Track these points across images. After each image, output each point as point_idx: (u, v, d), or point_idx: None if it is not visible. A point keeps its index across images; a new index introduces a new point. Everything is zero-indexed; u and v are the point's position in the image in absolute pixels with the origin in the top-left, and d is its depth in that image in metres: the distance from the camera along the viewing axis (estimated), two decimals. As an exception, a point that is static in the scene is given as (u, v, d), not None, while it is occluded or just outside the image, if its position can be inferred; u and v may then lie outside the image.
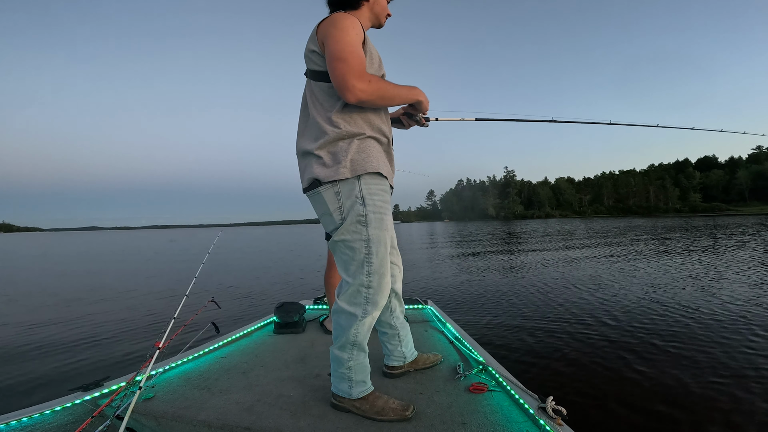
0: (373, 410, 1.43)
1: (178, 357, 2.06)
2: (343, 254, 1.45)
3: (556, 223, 54.48)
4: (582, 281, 6.75)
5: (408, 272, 8.76)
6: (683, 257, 9.63)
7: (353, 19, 1.38)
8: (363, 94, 1.29)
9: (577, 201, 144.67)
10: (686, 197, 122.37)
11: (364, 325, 1.46)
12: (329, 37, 1.33)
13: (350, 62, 1.28)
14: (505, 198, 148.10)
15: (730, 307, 4.60)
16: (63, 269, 13.11)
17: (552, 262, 9.81)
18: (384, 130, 1.52)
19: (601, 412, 2.35)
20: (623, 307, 4.81)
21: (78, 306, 6.46)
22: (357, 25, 1.37)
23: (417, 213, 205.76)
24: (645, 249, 12.02)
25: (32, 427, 1.44)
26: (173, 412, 1.49)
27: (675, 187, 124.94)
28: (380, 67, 1.51)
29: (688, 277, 6.73)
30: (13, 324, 5.21)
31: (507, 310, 4.94)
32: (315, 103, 1.45)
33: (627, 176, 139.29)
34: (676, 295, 5.34)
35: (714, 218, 44.52)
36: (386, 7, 1.62)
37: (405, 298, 2.90)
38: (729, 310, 4.50)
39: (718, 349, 3.28)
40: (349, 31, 1.33)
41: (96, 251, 23.76)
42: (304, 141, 1.48)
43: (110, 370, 3.34)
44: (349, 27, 1.34)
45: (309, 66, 1.46)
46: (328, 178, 1.38)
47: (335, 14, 1.40)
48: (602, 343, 3.51)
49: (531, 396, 1.46)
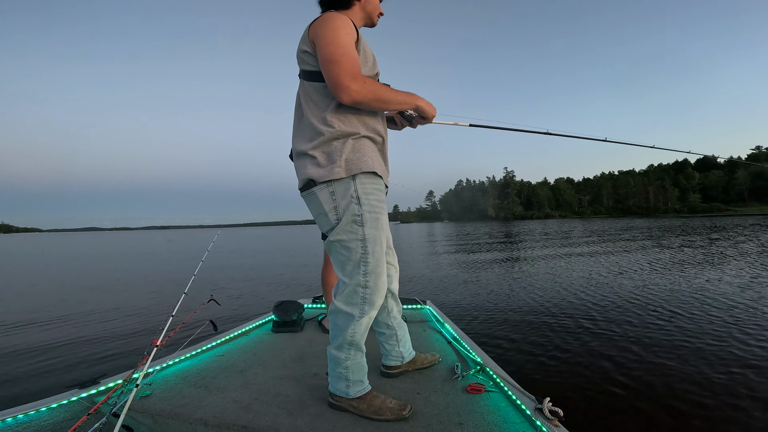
0: (370, 410, 1.43)
1: (176, 355, 2.06)
2: (339, 254, 1.45)
3: (555, 223, 54.52)
4: (580, 282, 6.76)
5: (406, 272, 8.78)
6: (680, 258, 9.65)
7: (344, 18, 1.37)
8: (358, 95, 1.28)
9: (576, 201, 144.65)
10: (686, 198, 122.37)
11: (361, 325, 1.46)
12: (320, 38, 1.32)
13: (343, 64, 1.27)
14: (505, 199, 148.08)
15: (728, 308, 4.61)
16: (60, 268, 13.11)
17: (550, 262, 9.84)
18: (379, 129, 1.52)
19: (597, 414, 2.36)
20: (621, 309, 4.82)
21: (76, 304, 6.46)
22: (348, 25, 1.36)
23: (416, 213, 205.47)
24: (642, 250, 12.03)
25: (28, 424, 1.43)
26: (170, 410, 1.49)
27: (674, 188, 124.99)
28: (374, 65, 1.50)
29: (685, 278, 6.75)
30: (10, 321, 5.21)
31: (505, 310, 4.96)
32: (309, 103, 1.44)
33: (626, 177, 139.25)
34: (674, 297, 5.35)
35: (712, 219, 44.56)
36: (378, 6, 1.61)
37: (403, 298, 2.90)
38: (727, 311, 4.51)
39: (715, 350, 3.29)
40: (340, 31, 1.32)
41: (92, 251, 23.76)
42: (298, 141, 1.47)
43: (107, 367, 3.36)
44: (339, 27, 1.33)
45: (302, 66, 1.46)
46: (322, 178, 1.38)
47: (326, 14, 1.39)
48: (600, 345, 3.52)
49: (528, 397, 1.46)
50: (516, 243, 17.74)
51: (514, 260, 10.61)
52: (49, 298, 7.17)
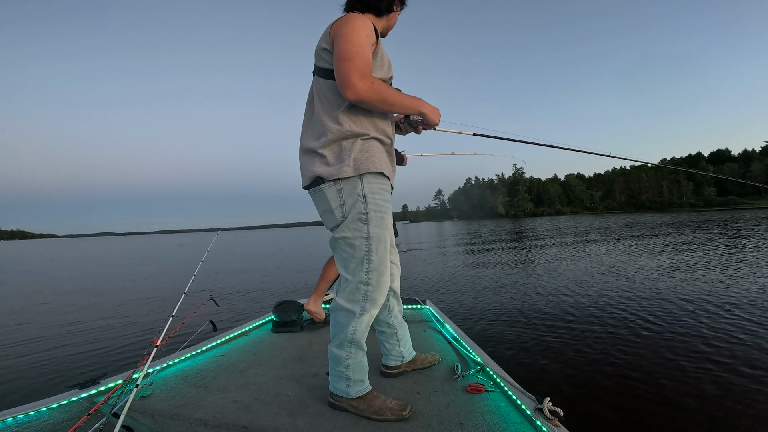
0: (370, 410, 1.44)
1: (176, 355, 2.09)
2: (343, 251, 1.47)
3: (566, 220, 54.03)
4: (581, 282, 6.72)
5: (406, 272, 8.80)
6: (687, 255, 9.47)
7: (366, 20, 1.40)
8: (363, 93, 1.30)
9: (588, 197, 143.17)
10: (700, 191, 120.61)
11: (362, 322, 1.47)
12: (339, 35, 1.34)
13: (355, 61, 1.29)
14: (515, 196, 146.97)
15: (731, 308, 4.55)
16: (67, 273, 13.32)
17: (553, 261, 9.78)
18: (388, 131, 1.54)
19: (598, 414, 2.37)
20: (621, 309, 4.79)
21: (77, 304, 6.57)
22: (369, 27, 1.39)
23: (425, 213, 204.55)
24: (650, 246, 11.87)
25: (28, 424, 1.46)
26: (170, 410, 1.51)
27: (689, 182, 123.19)
28: (389, 69, 1.53)
29: (690, 277, 6.64)
30: (11, 322, 5.30)
31: (505, 310, 4.96)
32: (322, 101, 1.47)
33: (639, 171, 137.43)
34: (677, 296, 5.29)
35: (730, 213, 43.80)
36: (396, 21, 1.67)
37: (404, 297, 2.91)
38: (731, 310, 4.45)
39: (715, 350, 3.27)
40: (360, 31, 1.34)
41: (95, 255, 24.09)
42: (307, 138, 1.50)
43: (107, 367, 3.41)
44: (360, 27, 1.35)
45: (318, 63, 1.48)
46: (331, 176, 1.40)
47: (350, 14, 1.42)
48: (600, 345, 3.52)
49: (528, 397, 1.46)
50: (520, 241, 17.68)
51: (517, 260, 10.56)
52: (49, 298, 7.29)
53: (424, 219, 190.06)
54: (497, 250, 13.47)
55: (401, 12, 1.69)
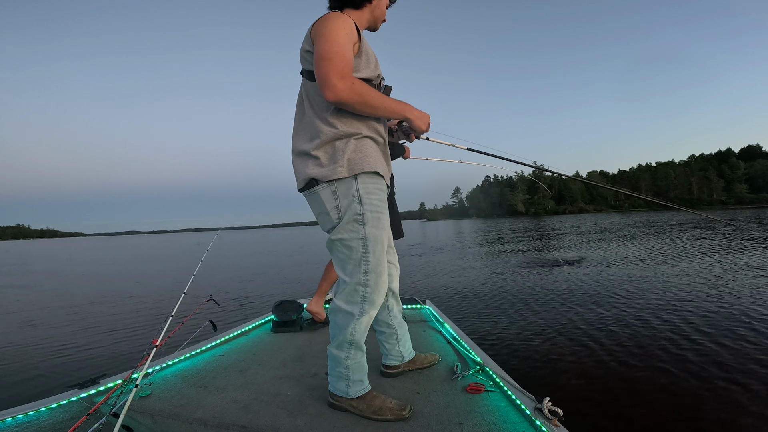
0: (370, 410, 1.46)
1: (176, 355, 2.13)
2: (340, 253, 1.48)
3: (588, 218, 53.02)
4: (582, 282, 6.65)
5: (406, 271, 8.82)
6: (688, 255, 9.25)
7: (345, 18, 1.40)
8: (343, 94, 1.29)
9: (612, 195, 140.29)
10: (731, 188, 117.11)
11: (361, 323, 1.49)
12: (318, 36, 1.35)
13: (334, 61, 1.29)
14: (535, 193, 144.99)
15: (731, 309, 4.47)
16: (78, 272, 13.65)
17: (553, 260, 9.68)
18: (380, 130, 1.55)
19: (597, 414, 2.38)
20: (621, 309, 4.75)
21: (77, 304, 6.73)
22: (349, 25, 1.38)
23: (443, 211, 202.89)
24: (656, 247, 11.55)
25: (28, 424, 1.50)
26: (169, 410, 1.54)
27: (719, 178, 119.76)
28: (376, 67, 1.52)
29: (692, 278, 6.50)
30: (11, 322, 5.46)
31: (505, 310, 4.96)
32: (312, 103, 1.48)
33: (666, 168, 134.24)
34: (677, 297, 5.21)
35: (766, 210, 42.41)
36: (385, 13, 1.64)
37: (403, 298, 2.92)
38: (730, 311, 4.37)
39: (717, 351, 3.24)
40: (339, 30, 1.34)
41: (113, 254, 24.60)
42: (299, 140, 1.51)
43: (107, 367, 3.49)
44: (339, 26, 1.35)
45: (304, 66, 1.49)
46: (325, 178, 1.41)
47: (328, 14, 1.42)
48: (600, 345, 3.51)
49: (528, 397, 1.46)
50: (529, 240, 17.53)
51: (519, 259, 10.48)
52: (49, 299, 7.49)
53: (442, 217, 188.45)
54: (501, 251, 13.37)
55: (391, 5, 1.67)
